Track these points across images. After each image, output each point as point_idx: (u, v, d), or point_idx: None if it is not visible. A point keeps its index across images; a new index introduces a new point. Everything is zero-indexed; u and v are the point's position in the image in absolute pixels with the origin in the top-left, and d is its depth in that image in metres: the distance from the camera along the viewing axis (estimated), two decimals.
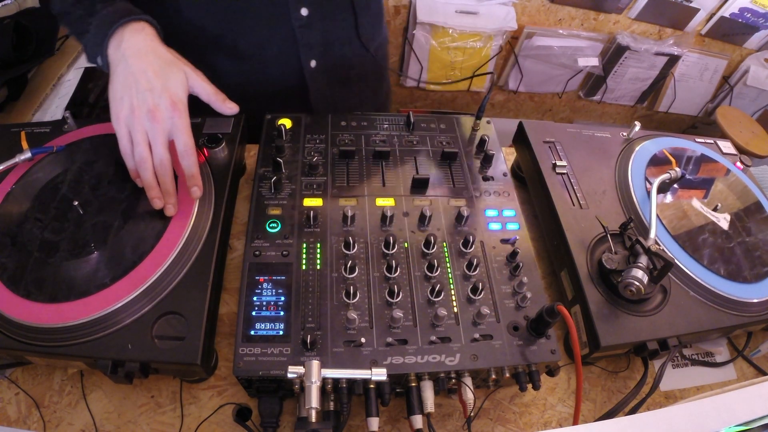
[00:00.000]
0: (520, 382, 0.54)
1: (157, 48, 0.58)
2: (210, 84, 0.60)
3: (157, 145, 0.55)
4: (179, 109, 0.55)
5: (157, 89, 0.55)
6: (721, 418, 0.37)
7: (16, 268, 0.54)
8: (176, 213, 0.58)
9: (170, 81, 0.56)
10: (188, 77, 0.58)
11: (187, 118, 0.56)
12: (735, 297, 0.63)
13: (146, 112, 0.54)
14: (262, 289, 0.55)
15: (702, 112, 2.08)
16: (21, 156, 0.62)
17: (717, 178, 0.78)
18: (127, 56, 0.57)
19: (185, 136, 0.56)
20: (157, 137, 0.55)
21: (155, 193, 0.57)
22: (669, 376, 0.67)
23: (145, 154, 0.55)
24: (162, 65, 0.57)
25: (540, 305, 0.54)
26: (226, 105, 0.60)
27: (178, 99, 0.56)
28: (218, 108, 0.60)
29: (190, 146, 0.56)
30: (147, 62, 0.56)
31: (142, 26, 0.59)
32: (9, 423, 0.55)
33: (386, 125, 0.75)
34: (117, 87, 0.56)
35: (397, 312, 0.53)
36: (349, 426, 0.57)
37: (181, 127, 0.56)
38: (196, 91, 0.59)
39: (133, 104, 0.55)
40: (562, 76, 1.85)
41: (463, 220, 0.63)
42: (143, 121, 0.54)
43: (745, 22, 1.73)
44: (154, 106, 0.54)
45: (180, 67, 0.58)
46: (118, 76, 0.57)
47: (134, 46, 0.57)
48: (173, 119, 0.55)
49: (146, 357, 0.50)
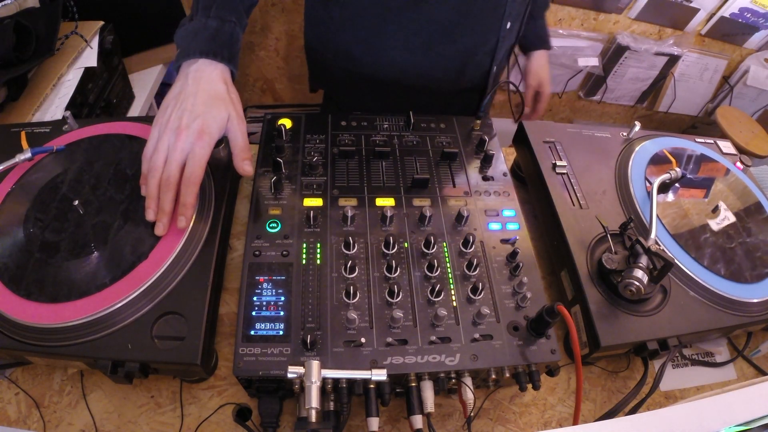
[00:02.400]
0: (520, 382, 0.54)
1: (218, 83, 0.60)
2: (245, 137, 0.61)
3: (171, 161, 0.55)
4: (204, 140, 0.56)
5: (195, 113, 0.56)
6: (721, 418, 0.36)
7: (16, 269, 0.54)
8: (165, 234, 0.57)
9: (211, 113, 0.57)
10: (230, 119, 0.59)
11: (208, 151, 0.56)
12: (735, 297, 0.63)
13: (176, 128, 0.55)
14: (262, 289, 0.55)
15: (702, 112, 2.08)
16: (21, 156, 0.62)
17: (717, 178, 0.78)
18: (189, 75, 0.59)
19: (196, 167, 0.55)
20: (174, 154, 0.55)
21: (152, 204, 0.57)
22: (669, 376, 0.67)
23: (158, 164, 0.56)
24: (213, 98, 0.58)
25: (540, 305, 0.54)
26: (245, 165, 0.60)
27: (208, 130, 0.56)
28: (237, 163, 0.60)
29: (197, 177, 0.56)
30: (201, 89, 0.58)
31: (219, 64, 0.61)
32: (9, 423, 0.55)
33: (386, 125, 0.75)
34: (169, 97, 0.59)
35: (397, 312, 0.53)
36: (349, 426, 0.57)
37: (197, 155, 0.55)
38: (230, 135, 0.60)
39: (171, 117, 0.56)
40: (562, 76, 1.85)
41: (463, 220, 0.63)
42: (170, 135, 0.56)
43: (745, 22, 1.73)
44: (185, 126, 0.55)
45: (228, 107, 0.59)
46: (176, 89, 0.59)
47: (202, 72, 0.60)
48: (194, 145, 0.55)
49: (146, 357, 0.50)
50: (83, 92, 0.99)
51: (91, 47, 1.01)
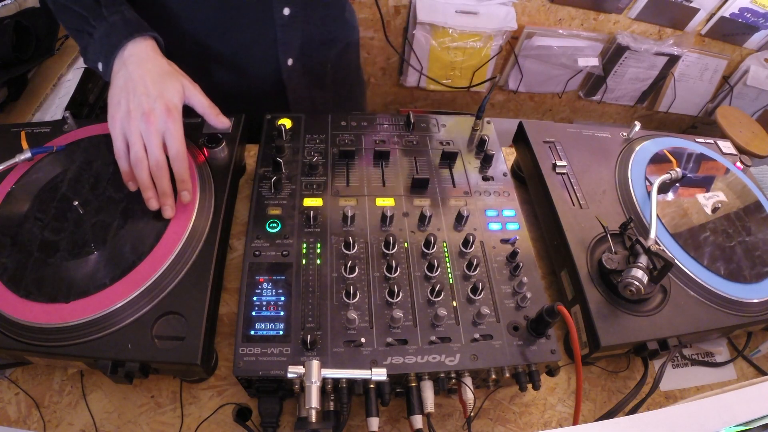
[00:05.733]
0: (520, 382, 0.54)
1: (158, 59, 0.61)
2: (206, 97, 0.63)
3: (152, 147, 0.56)
4: (173, 115, 0.57)
5: (153, 95, 0.57)
6: (721, 418, 0.37)
7: (16, 268, 0.54)
8: (174, 215, 0.59)
9: (167, 89, 0.58)
10: (185, 88, 0.60)
11: (181, 124, 0.58)
12: (735, 297, 0.63)
13: (141, 114, 0.56)
14: (262, 289, 0.55)
15: (702, 112, 2.08)
16: (21, 156, 0.62)
17: (717, 178, 0.78)
18: (127, 64, 0.59)
19: (177, 142, 0.57)
20: (151, 139, 0.56)
21: (151, 193, 0.58)
22: (669, 376, 0.67)
23: (140, 155, 0.56)
24: (160, 74, 0.59)
25: (540, 305, 0.54)
26: (219, 119, 0.63)
27: (173, 105, 0.57)
28: (211, 121, 0.63)
29: (183, 151, 0.58)
30: (146, 70, 0.58)
31: (146, 38, 0.61)
32: (9, 423, 0.55)
33: (386, 125, 0.75)
34: (115, 92, 0.58)
35: (397, 312, 0.53)
36: (349, 426, 0.57)
37: (174, 132, 0.57)
38: (191, 102, 0.62)
39: (130, 107, 0.56)
40: (562, 76, 1.85)
41: (463, 220, 0.63)
42: (138, 124, 0.56)
43: (745, 22, 1.73)
44: (150, 109, 0.56)
45: (177, 77, 0.60)
46: (118, 81, 0.59)
47: (136, 55, 0.60)
48: (167, 123, 0.56)
49: (146, 357, 0.50)
50: (83, 92, 0.99)
51: None
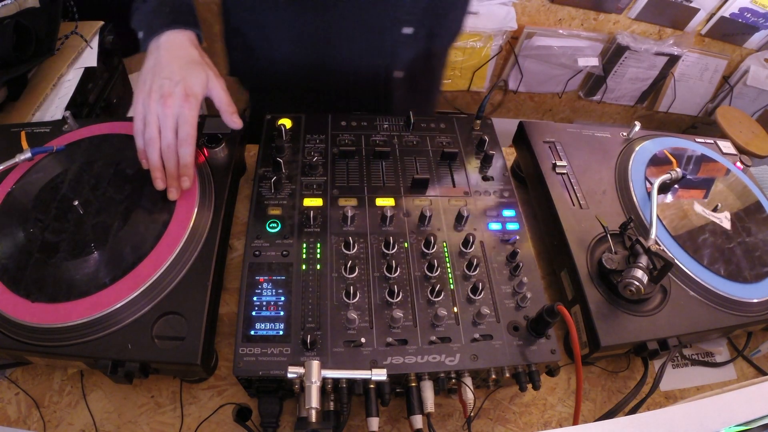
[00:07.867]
0: (520, 382, 0.54)
1: (190, 48, 0.62)
2: (227, 94, 0.63)
3: (166, 129, 0.58)
4: (190, 102, 0.58)
5: (176, 79, 0.58)
6: (721, 418, 0.37)
7: (16, 269, 0.54)
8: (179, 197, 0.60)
9: (190, 76, 0.59)
10: (209, 79, 0.61)
11: (196, 111, 0.59)
12: (735, 297, 0.63)
13: (160, 96, 0.57)
14: (262, 289, 0.55)
15: (702, 112, 2.09)
16: (21, 156, 0.62)
17: (717, 178, 0.78)
18: (160, 48, 0.61)
19: (189, 127, 0.58)
20: (167, 121, 0.58)
21: (159, 174, 0.59)
22: (669, 376, 0.67)
23: (154, 135, 0.58)
24: (188, 62, 0.61)
25: (540, 305, 0.54)
26: (233, 118, 0.63)
27: (192, 93, 0.58)
28: (226, 119, 0.63)
29: (192, 137, 0.59)
30: (175, 56, 0.60)
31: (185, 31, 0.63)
32: (9, 423, 0.55)
33: (386, 125, 0.75)
34: (145, 71, 0.60)
35: (397, 312, 0.53)
36: (349, 426, 0.57)
37: (188, 117, 0.58)
38: (212, 94, 0.62)
39: (152, 88, 0.58)
40: (562, 76, 1.85)
41: (463, 220, 0.63)
42: (156, 105, 0.57)
43: (745, 22, 1.73)
44: (169, 92, 0.57)
45: (204, 68, 0.61)
46: (149, 63, 0.61)
47: (170, 42, 0.61)
48: (182, 108, 0.58)
49: (146, 357, 0.50)
50: (83, 92, 0.99)
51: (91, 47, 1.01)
